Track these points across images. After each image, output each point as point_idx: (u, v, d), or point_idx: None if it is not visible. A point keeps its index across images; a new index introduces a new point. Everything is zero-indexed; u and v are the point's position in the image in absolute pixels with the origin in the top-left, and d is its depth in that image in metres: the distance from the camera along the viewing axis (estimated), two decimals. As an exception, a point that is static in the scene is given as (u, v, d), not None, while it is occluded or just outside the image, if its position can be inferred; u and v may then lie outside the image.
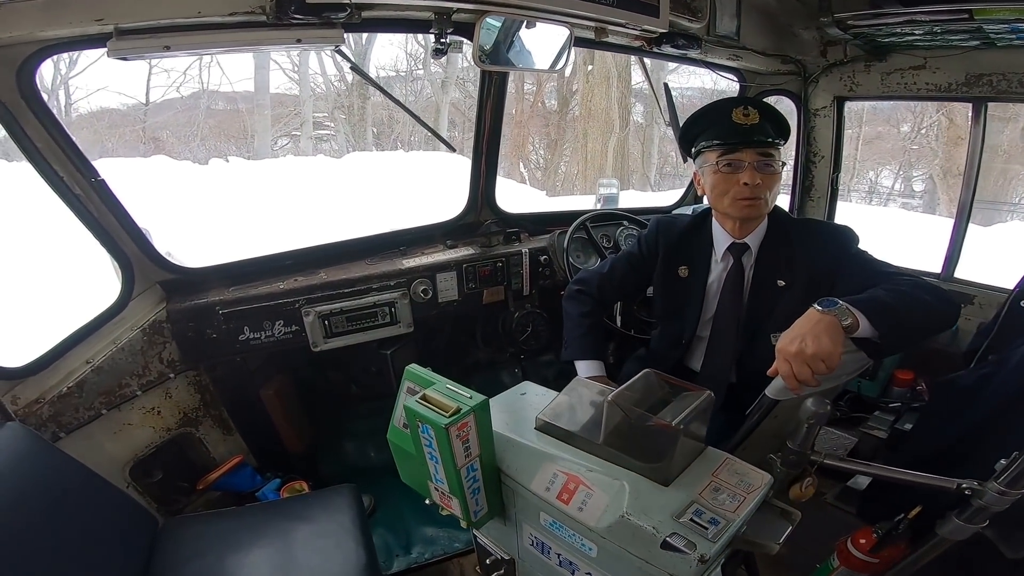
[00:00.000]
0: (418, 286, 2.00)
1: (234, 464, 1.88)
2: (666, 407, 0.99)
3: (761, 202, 1.40)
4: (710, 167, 1.43)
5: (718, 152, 1.41)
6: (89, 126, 12.59)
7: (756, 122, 1.37)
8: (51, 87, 11.58)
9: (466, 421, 0.94)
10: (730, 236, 1.51)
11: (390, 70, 13.77)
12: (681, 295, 1.60)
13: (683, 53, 1.98)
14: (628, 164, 12.03)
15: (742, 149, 1.37)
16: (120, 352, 1.61)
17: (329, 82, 13.87)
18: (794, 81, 2.25)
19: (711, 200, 1.48)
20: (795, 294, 1.42)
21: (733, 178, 1.39)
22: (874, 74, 2.09)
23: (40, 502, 1.23)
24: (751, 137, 1.36)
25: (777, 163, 1.40)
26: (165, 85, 12.62)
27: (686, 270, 1.59)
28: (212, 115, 13.39)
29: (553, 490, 1.05)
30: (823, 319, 1.08)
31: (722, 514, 0.94)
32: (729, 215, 1.46)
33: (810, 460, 1.11)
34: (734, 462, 1.04)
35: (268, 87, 12.66)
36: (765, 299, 1.48)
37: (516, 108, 12.75)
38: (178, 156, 10.23)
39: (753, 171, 1.37)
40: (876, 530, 1.46)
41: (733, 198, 1.41)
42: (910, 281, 1.24)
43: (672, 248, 1.60)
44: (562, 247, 2.14)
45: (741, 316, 1.51)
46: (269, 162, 9.74)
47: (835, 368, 1.06)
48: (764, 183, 1.38)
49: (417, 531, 2.00)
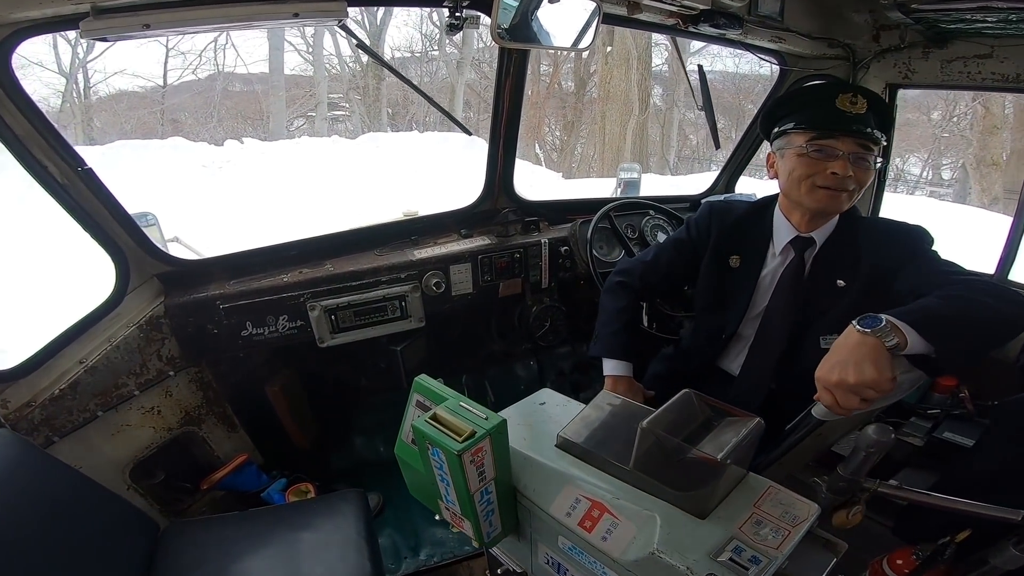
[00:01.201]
0: (430, 279, 1.90)
1: (239, 463, 1.82)
2: (708, 434, 0.88)
3: (844, 196, 1.27)
4: (794, 149, 1.29)
5: (809, 135, 1.26)
6: (108, 108, 12.69)
7: (863, 112, 1.23)
8: (69, 71, 11.64)
9: (481, 446, 0.84)
10: (795, 229, 1.37)
11: (405, 51, 13.62)
12: (728, 286, 1.48)
13: (721, 33, 1.82)
14: (647, 147, 11.77)
15: (840, 137, 1.23)
16: (115, 351, 1.53)
17: (344, 63, 13.77)
18: (841, 66, 2.08)
19: (785, 185, 1.34)
20: (853, 296, 1.30)
21: (820, 165, 1.25)
22: (933, 61, 1.92)
23: (32, 512, 1.17)
24: (852, 126, 1.22)
25: (873, 159, 1.26)
26: (181, 68, 12.65)
27: (737, 260, 1.46)
28: (228, 96, 13.40)
29: (575, 516, 0.95)
30: (864, 342, 0.96)
31: (764, 551, 0.84)
32: (802, 204, 1.32)
33: (863, 488, 1.00)
34: (778, 491, 0.94)
35: (283, 68, 12.61)
36: (821, 299, 1.35)
37: (532, 89, 12.55)
38: (195, 138, 10.23)
39: (847, 162, 1.23)
40: (916, 552, 1.36)
41: (813, 185, 1.27)
42: (964, 282, 1.10)
43: (725, 234, 1.48)
44: (585, 238, 2.02)
45: (793, 316, 1.38)
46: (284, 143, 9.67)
47: (890, 393, 0.94)
48: (855, 175, 1.24)
49: (426, 532, 1.93)
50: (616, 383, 1.49)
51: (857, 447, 0.93)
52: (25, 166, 1.28)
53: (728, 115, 11.92)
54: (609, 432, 1.02)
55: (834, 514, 1.05)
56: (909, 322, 0.97)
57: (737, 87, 12.87)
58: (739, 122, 11.82)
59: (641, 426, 0.88)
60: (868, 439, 0.91)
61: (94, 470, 1.42)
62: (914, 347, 0.97)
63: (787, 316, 1.39)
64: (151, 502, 1.69)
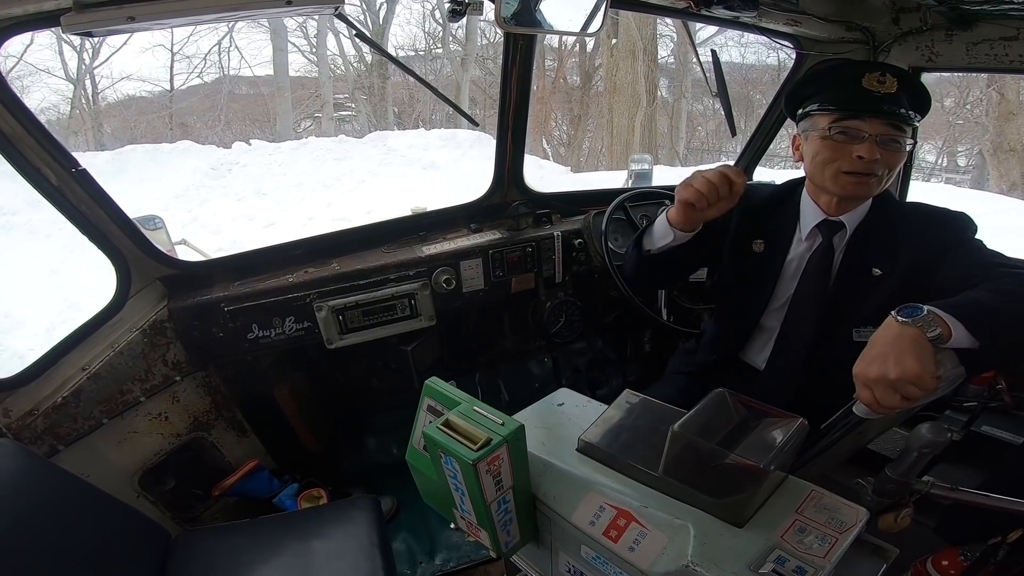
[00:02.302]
0: (440, 275, 1.84)
1: (250, 468, 1.78)
2: (745, 436, 0.81)
3: (873, 181, 1.18)
4: (817, 132, 1.20)
5: (832, 117, 1.17)
6: (118, 114, 12.83)
7: (892, 91, 1.14)
8: (77, 77, 11.77)
9: (497, 454, 0.78)
10: (822, 212, 1.29)
11: (408, 49, 13.59)
12: (751, 273, 1.39)
13: (735, 16, 1.73)
14: (656, 139, 11.65)
15: (866, 118, 1.14)
16: (119, 356, 1.49)
17: (348, 63, 13.77)
18: (860, 50, 1.99)
19: (809, 169, 1.26)
20: (890, 286, 1.21)
21: (845, 148, 1.16)
22: (957, 44, 1.82)
23: (39, 523, 1.14)
24: (881, 106, 1.14)
25: (905, 140, 1.17)
26: (187, 71, 12.75)
27: (761, 244, 1.37)
28: (235, 99, 13.48)
29: (599, 525, 0.89)
30: (904, 333, 0.89)
31: (810, 560, 0.78)
32: (827, 190, 1.24)
33: (913, 490, 0.92)
34: (821, 495, 0.87)
35: (287, 70, 12.64)
36: (854, 288, 1.26)
37: (537, 84, 12.44)
38: (203, 141, 10.30)
39: (873, 145, 1.14)
40: (964, 552, 1.28)
41: (838, 171, 1.18)
42: (1015, 276, 1.02)
43: (749, 217, 1.39)
44: (599, 229, 1.94)
45: (823, 305, 1.30)
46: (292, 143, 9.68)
47: (933, 389, 0.87)
48: (883, 159, 1.15)
49: (441, 536, 1.89)
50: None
51: (909, 447, 0.86)
52: (17, 168, 1.24)
53: (736, 105, 11.76)
54: (634, 435, 0.95)
55: (880, 517, 0.97)
56: (956, 315, 0.91)
57: (745, 77, 12.71)
58: (747, 112, 11.69)
59: (672, 430, 0.81)
60: (922, 438, 0.84)
61: (102, 479, 1.39)
62: (958, 341, 0.91)
63: (815, 306, 1.31)
64: (162, 510, 1.66)
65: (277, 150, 9.00)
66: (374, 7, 12.91)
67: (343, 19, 1.41)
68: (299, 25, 12.61)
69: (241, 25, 12.11)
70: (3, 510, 1.09)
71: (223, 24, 11.16)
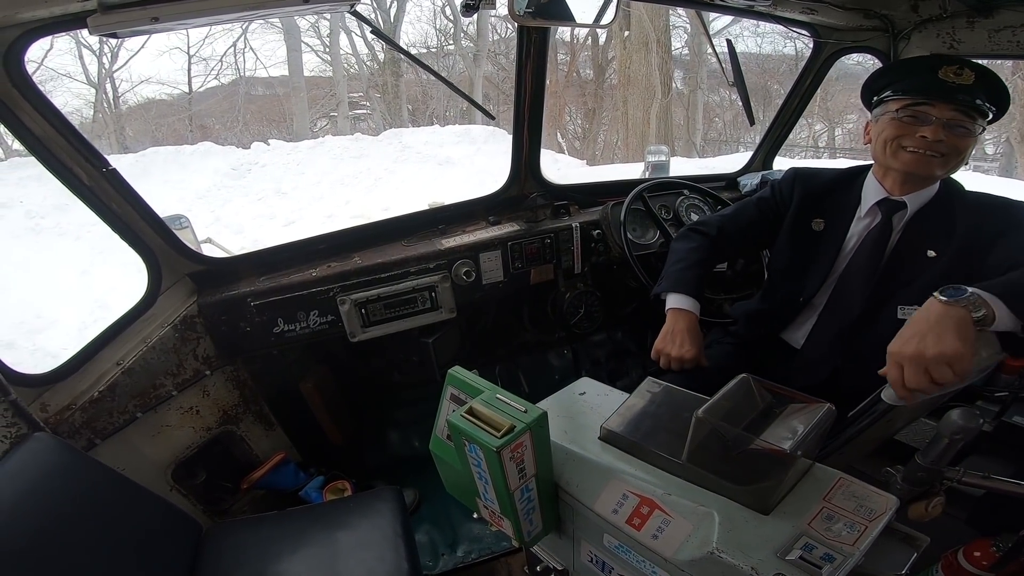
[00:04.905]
0: (460, 267, 1.85)
1: (277, 461, 1.81)
2: (770, 422, 0.80)
3: (936, 161, 1.17)
4: (888, 115, 1.21)
5: (904, 102, 1.18)
6: (139, 117, 13.09)
7: (968, 83, 1.13)
8: (97, 81, 12.02)
9: (521, 441, 0.78)
10: (886, 192, 1.29)
11: (420, 47, 13.62)
12: (809, 251, 1.40)
13: (750, 5, 1.71)
14: (672, 131, 11.51)
15: (937, 104, 1.14)
16: (152, 351, 1.53)
17: (362, 62, 13.85)
18: (880, 38, 1.94)
19: (874, 150, 1.27)
20: (943, 268, 1.20)
21: (911, 128, 1.17)
22: (979, 31, 1.77)
23: (77, 515, 1.16)
24: (955, 95, 1.13)
25: (975, 127, 1.16)
26: (204, 74, 12.95)
27: (821, 223, 1.39)
28: (252, 100, 13.66)
29: (622, 513, 0.89)
30: (948, 312, 0.87)
31: (838, 548, 0.77)
32: (891, 168, 1.24)
33: (944, 478, 0.90)
34: (850, 482, 0.85)
35: (302, 70, 12.76)
36: (906, 268, 1.26)
37: (551, 79, 12.34)
38: (223, 142, 10.45)
39: (940, 128, 1.14)
40: (996, 543, 1.25)
41: (899, 146, 1.19)
42: None
43: (810, 197, 1.41)
44: (618, 220, 1.93)
45: (873, 281, 1.29)
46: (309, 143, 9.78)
47: (967, 374, 0.85)
48: (949, 140, 1.15)
49: (463, 527, 1.90)
50: (677, 317, 1.37)
51: (940, 434, 0.84)
52: (50, 169, 1.27)
53: (754, 95, 11.52)
54: (656, 422, 0.95)
55: (911, 506, 0.96)
56: (998, 294, 0.89)
57: (761, 67, 12.52)
58: (765, 102, 11.50)
59: (696, 415, 0.81)
60: (953, 424, 0.82)
61: (137, 472, 1.42)
62: (1001, 323, 0.88)
63: (865, 280, 1.30)
64: (194, 503, 1.69)
65: (295, 149, 9.10)
66: (385, 5, 12.95)
67: (358, 16, 1.42)
68: (311, 25, 12.73)
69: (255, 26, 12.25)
70: (45, 504, 1.12)
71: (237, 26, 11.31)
